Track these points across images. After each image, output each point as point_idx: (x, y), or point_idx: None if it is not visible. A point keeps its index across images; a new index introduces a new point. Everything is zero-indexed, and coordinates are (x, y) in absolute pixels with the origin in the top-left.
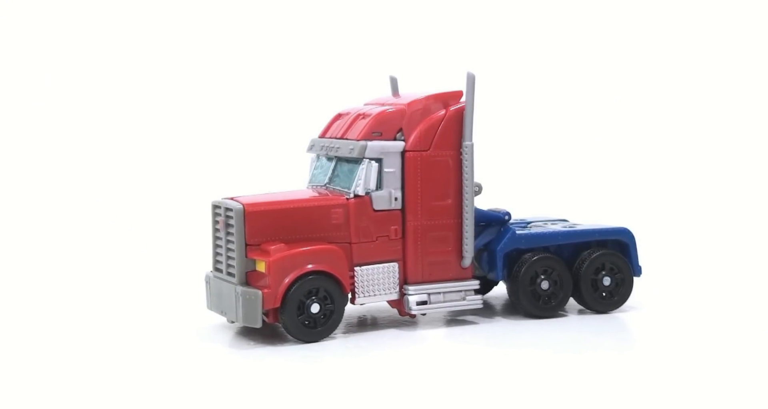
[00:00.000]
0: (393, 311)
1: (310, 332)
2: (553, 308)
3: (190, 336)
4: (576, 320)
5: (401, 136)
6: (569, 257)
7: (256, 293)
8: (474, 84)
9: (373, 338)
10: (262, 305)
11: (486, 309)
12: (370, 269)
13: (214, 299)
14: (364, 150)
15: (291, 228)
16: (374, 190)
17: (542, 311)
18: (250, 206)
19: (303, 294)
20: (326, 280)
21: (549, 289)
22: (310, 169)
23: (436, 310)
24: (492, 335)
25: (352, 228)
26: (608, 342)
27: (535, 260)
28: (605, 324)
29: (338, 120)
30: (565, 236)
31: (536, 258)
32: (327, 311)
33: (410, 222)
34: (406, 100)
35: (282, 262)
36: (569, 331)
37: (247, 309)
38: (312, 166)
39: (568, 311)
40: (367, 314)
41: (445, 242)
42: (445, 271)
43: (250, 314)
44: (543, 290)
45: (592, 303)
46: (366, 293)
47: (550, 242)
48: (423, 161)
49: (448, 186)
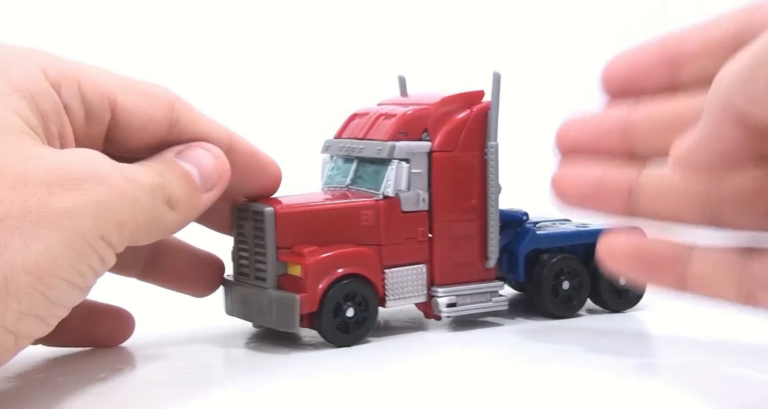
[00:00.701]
0: (405, 313)
1: (345, 336)
2: (574, 308)
3: (211, 340)
4: (595, 319)
5: (426, 136)
6: (582, 257)
7: (293, 297)
8: (500, 83)
9: (399, 343)
10: (299, 310)
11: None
12: (400, 271)
13: (237, 305)
14: (393, 150)
15: (321, 230)
16: (405, 190)
17: (564, 311)
18: (282, 209)
19: (340, 298)
20: (362, 283)
21: (570, 289)
22: (324, 171)
23: (464, 312)
24: (520, 337)
25: (382, 230)
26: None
27: (558, 260)
28: (627, 323)
29: (354, 120)
30: (582, 235)
31: (558, 258)
32: (361, 315)
33: (437, 223)
34: (429, 101)
35: (319, 265)
36: (596, 331)
37: (284, 314)
38: (326, 168)
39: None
40: (379, 317)
41: (470, 243)
42: (470, 272)
43: (286, 319)
44: (564, 290)
45: (610, 302)
46: (396, 296)
47: (569, 241)
48: (449, 162)
49: (473, 186)
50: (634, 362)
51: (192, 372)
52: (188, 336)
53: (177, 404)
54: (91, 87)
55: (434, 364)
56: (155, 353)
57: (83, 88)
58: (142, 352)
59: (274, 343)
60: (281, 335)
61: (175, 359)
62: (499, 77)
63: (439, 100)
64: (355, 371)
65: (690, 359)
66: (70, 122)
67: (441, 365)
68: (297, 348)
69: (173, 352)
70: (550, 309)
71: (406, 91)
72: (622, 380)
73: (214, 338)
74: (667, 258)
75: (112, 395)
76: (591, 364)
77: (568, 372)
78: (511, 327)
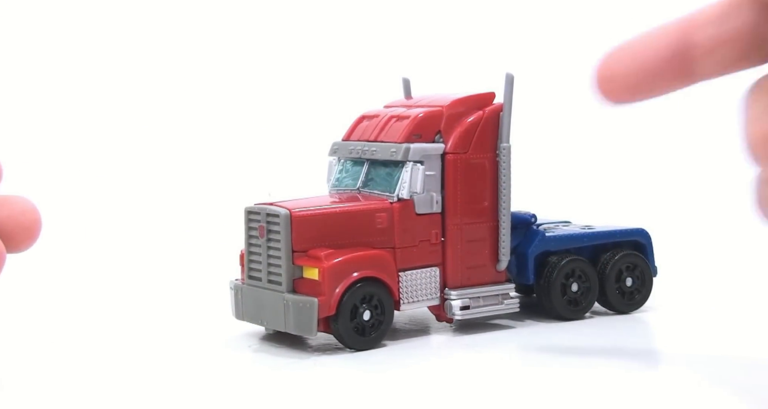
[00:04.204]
0: (407, 316)
1: (362, 340)
2: (582, 310)
3: (218, 344)
4: (602, 321)
5: (440, 138)
6: (588, 259)
7: (311, 301)
8: (512, 85)
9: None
10: (317, 313)
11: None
12: (414, 274)
13: (248, 309)
14: (407, 153)
15: (335, 233)
16: (420, 193)
17: (572, 313)
18: (297, 211)
19: (357, 301)
20: (378, 286)
21: (579, 291)
22: (331, 173)
23: (477, 315)
24: (531, 340)
25: (396, 232)
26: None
27: (567, 262)
28: (633, 325)
29: (363, 122)
30: (589, 237)
31: (567, 260)
32: (377, 318)
33: (450, 226)
34: (440, 102)
35: (336, 268)
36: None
37: (302, 318)
38: (333, 170)
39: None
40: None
41: (482, 246)
42: (482, 275)
43: (304, 323)
44: (573, 292)
45: (616, 304)
46: (410, 299)
47: (577, 243)
48: (462, 164)
49: (485, 189)
50: (639, 363)
51: (198, 375)
52: (195, 339)
53: (184, 405)
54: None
55: (444, 365)
56: (162, 356)
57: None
58: (146, 354)
59: (280, 346)
60: (286, 338)
61: (183, 362)
62: (512, 79)
63: (451, 102)
64: (368, 373)
65: (695, 360)
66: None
67: (451, 367)
68: (303, 351)
69: (182, 356)
70: (559, 311)
71: (410, 93)
72: (628, 381)
73: (220, 342)
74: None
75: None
76: (598, 366)
77: (575, 374)
78: (518, 330)
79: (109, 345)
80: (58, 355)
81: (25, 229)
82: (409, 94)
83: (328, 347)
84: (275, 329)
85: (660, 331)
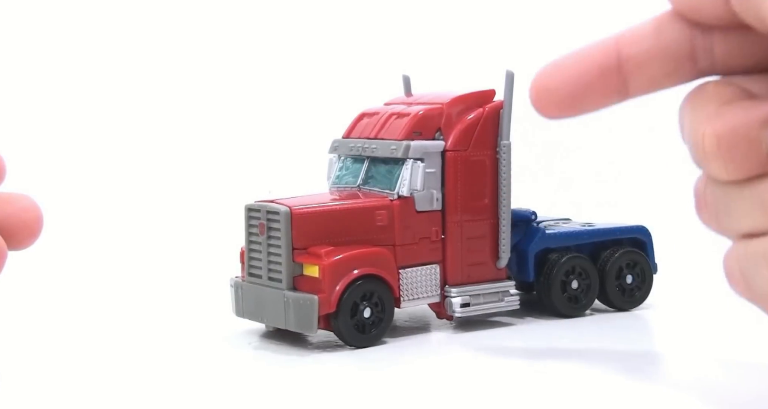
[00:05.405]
0: (406, 313)
1: (362, 337)
2: (582, 307)
3: (218, 341)
4: (602, 318)
5: (440, 135)
6: (588, 256)
7: (311, 298)
8: (513, 82)
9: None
10: (318, 311)
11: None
12: (414, 271)
13: (248, 306)
14: (408, 150)
15: (336, 231)
16: (420, 190)
17: (572, 310)
18: (297, 209)
19: (357, 298)
20: (378, 284)
21: (579, 288)
22: (331, 171)
23: (477, 312)
24: (531, 337)
25: (396, 230)
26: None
27: (567, 259)
28: (633, 322)
29: (363, 120)
30: (590, 234)
31: (567, 258)
32: (377, 315)
33: (450, 223)
34: (440, 100)
35: (336, 266)
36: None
37: (302, 315)
38: (333, 168)
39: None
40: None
41: (482, 243)
42: (482, 272)
43: (305, 320)
44: (573, 290)
45: (616, 301)
46: (410, 297)
47: (577, 241)
48: (463, 161)
49: (485, 186)
50: (639, 361)
51: (198, 372)
52: (195, 336)
53: (185, 402)
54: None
55: (445, 363)
56: (162, 353)
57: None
58: (147, 352)
59: (280, 344)
60: (287, 336)
61: (184, 360)
62: (512, 76)
63: (451, 100)
64: (368, 370)
65: (695, 357)
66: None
67: (451, 364)
68: (303, 349)
69: (182, 353)
70: (559, 308)
71: (411, 91)
72: (628, 379)
73: (220, 339)
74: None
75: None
76: (598, 363)
77: (575, 371)
78: (518, 327)
79: (109, 342)
80: (58, 352)
81: (26, 226)
82: (409, 91)
83: (328, 344)
84: (275, 326)
85: (660, 328)
